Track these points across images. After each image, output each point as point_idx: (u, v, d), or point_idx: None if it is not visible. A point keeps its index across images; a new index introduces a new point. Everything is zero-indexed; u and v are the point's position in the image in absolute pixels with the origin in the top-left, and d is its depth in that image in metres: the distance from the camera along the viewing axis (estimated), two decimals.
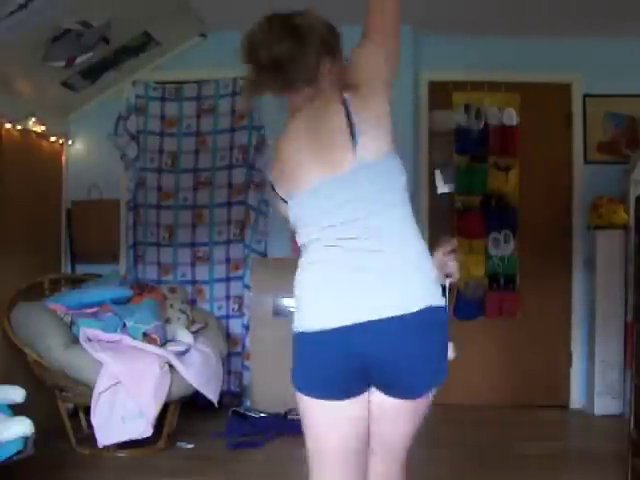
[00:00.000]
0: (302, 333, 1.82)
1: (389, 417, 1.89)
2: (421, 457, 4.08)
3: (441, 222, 5.25)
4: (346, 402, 1.83)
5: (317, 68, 1.87)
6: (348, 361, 1.77)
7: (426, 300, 1.77)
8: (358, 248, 1.77)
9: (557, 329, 5.32)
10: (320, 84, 1.88)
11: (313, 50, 1.86)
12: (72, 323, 4.12)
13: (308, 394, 1.84)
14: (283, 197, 1.88)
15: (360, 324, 1.73)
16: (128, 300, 4.42)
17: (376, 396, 1.86)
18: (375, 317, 1.73)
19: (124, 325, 4.12)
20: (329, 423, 1.85)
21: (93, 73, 4.82)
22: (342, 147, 1.79)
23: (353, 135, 1.78)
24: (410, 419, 1.90)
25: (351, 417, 1.85)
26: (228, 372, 5.06)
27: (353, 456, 1.89)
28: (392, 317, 1.73)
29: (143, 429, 3.86)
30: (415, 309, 1.74)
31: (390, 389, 1.83)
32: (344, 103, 1.81)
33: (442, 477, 3.73)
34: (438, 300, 1.80)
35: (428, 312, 1.76)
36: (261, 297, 4.99)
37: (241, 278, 5.19)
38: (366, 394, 1.86)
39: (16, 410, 3.07)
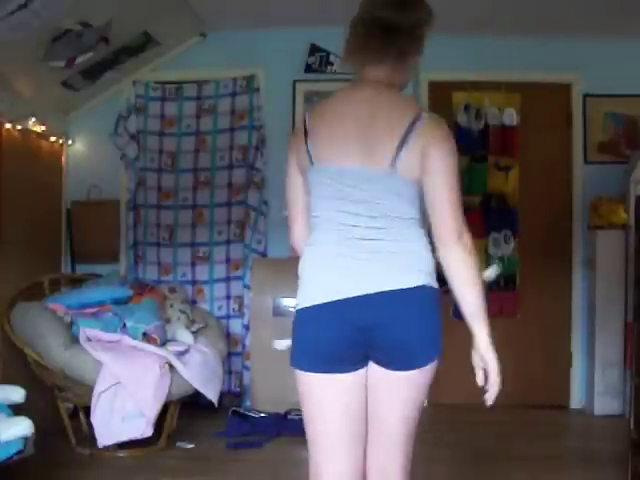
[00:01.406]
0: (305, 309, 1.92)
1: (384, 390, 1.94)
2: (421, 457, 4.08)
3: None
4: (345, 376, 1.92)
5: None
6: (349, 332, 1.87)
7: (418, 281, 1.89)
8: (361, 236, 1.89)
9: (557, 329, 5.32)
10: (391, 72, 1.98)
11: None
12: (72, 323, 4.12)
13: (310, 369, 1.92)
14: (311, 159, 1.93)
15: (360, 296, 1.86)
16: (128, 300, 4.43)
17: (374, 370, 1.94)
18: (373, 290, 1.86)
19: (124, 325, 4.12)
20: (330, 399, 1.92)
21: (93, 73, 4.82)
22: (384, 153, 1.87)
23: (399, 149, 1.86)
24: (404, 396, 1.94)
25: (350, 391, 1.93)
26: (228, 372, 5.06)
27: (352, 436, 1.94)
28: (389, 290, 1.87)
29: (143, 429, 3.86)
30: (406, 286, 1.88)
31: (386, 359, 1.91)
32: (415, 120, 1.89)
33: (442, 477, 3.73)
34: (431, 283, 1.93)
35: (420, 290, 1.89)
36: (261, 297, 5.00)
37: (241, 278, 5.19)
38: (364, 371, 1.94)
39: (16, 410, 3.07)
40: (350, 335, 1.88)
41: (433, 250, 1.94)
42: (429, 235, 1.94)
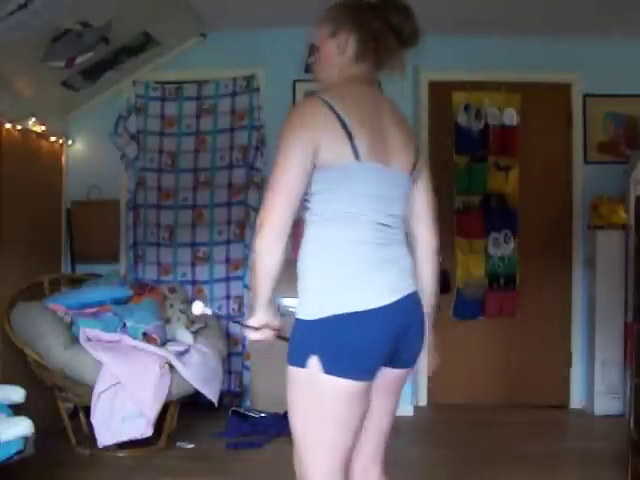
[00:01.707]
0: (359, 313, 1.81)
1: (388, 389, 2.00)
2: (421, 457, 4.09)
3: (441, 222, 5.24)
4: (370, 382, 1.90)
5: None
6: (395, 333, 1.87)
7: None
8: (393, 234, 1.95)
9: (557, 329, 5.32)
10: (378, 75, 2.06)
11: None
12: (72, 323, 4.12)
13: (356, 377, 1.83)
14: (357, 154, 1.85)
15: (403, 297, 1.90)
16: (128, 300, 4.43)
17: (382, 371, 1.95)
18: (410, 291, 1.94)
19: (124, 325, 4.12)
20: (359, 407, 1.88)
21: (93, 73, 4.82)
22: (410, 156, 1.98)
23: (417, 154, 2.01)
24: (400, 390, 2.06)
25: (368, 397, 1.92)
26: (228, 372, 5.06)
27: (355, 439, 1.95)
28: (414, 291, 1.97)
29: (143, 429, 3.86)
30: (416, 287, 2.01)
31: (400, 358, 1.95)
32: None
33: (442, 477, 3.73)
34: None
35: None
36: None
37: (241, 278, 5.19)
38: None
39: (16, 410, 3.07)
40: (394, 336, 1.87)
41: None
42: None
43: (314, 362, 1.82)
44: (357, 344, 1.81)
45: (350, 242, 1.87)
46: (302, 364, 1.85)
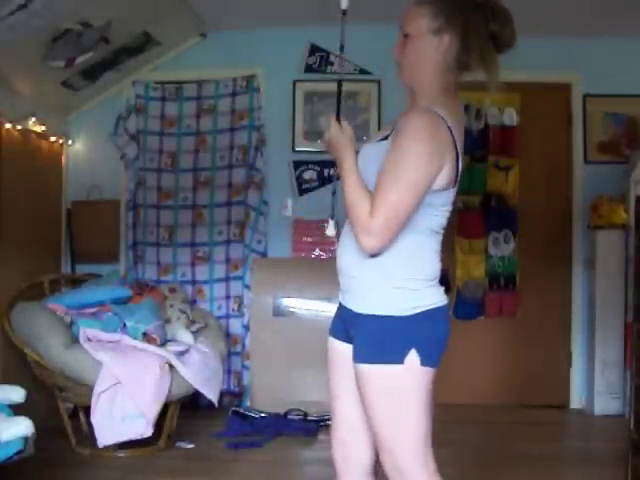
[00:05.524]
0: (441, 307, 1.95)
1: None
2: None
3: None
4: None
5: None
6: None
7: None
8: None
9: (557, 329, 5.32)
10: None
11: None
12: (72, 323, 4.12)
13: (437, 365, 1.94)
14: (457, 177, 1.93)
15: None
16: (128, 300, 4.42)
17: None
18: None
19: (124, 325, 4.12)
20: None
21: (93, 73, 4.82)
22: None
23: None
24: None
25: None
26: (228, 372, 5.06)
27: None
28: None
29: (143, 429, 3.85)
30: None
31: None
32: None
33: (442, 477, 3.72)
34: None
35: None
36: (261, 297, 5.00)
37: (241, 278, 5.19)
38: None
39: (16, 410, 3.07)
40: None
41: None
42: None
43: (413, 356, 1.87)
44: (442, 334, 1.94)
45: (432, 251, 1.96)
46: (400, 360, 1.87)
